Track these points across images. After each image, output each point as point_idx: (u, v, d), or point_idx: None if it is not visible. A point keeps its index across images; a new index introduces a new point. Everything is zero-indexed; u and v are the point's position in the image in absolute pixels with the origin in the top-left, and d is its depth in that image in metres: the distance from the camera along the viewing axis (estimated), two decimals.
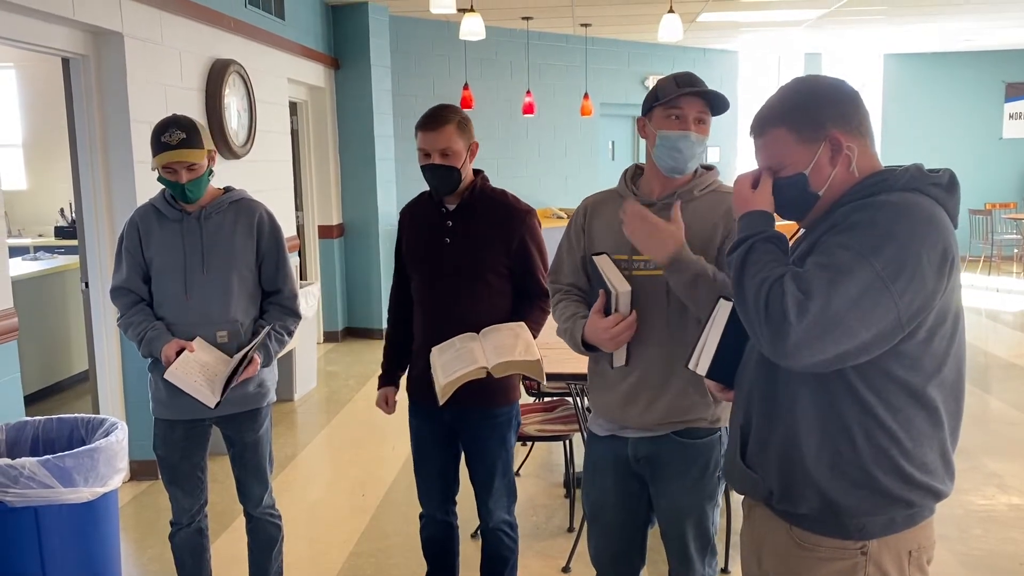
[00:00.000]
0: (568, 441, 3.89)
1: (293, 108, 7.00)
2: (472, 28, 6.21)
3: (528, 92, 8.85)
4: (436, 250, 2.59)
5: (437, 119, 2.49)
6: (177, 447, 2.75)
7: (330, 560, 3.56)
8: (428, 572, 2.87)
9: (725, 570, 3.36)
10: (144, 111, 4.28)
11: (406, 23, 8.20)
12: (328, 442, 5.18)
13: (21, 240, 7.23)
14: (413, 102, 8.19)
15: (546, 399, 4.10)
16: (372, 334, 7.74)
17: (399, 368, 2.82)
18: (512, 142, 9.38)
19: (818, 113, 1.56)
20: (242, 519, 2.95)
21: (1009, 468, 4.44)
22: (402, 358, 2.81)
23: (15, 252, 5.78)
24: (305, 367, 6.11)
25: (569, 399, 3.92)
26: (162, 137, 2.58)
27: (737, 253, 1.56)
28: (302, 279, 6.91)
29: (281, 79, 6.32)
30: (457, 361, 2.42)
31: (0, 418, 3.21)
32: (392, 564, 3.52)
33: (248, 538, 2.93)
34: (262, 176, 5.78)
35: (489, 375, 2.40)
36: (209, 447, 2.83)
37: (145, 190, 4.08)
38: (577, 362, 2.81)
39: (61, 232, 7.42)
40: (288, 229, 6.38)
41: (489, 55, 8.97)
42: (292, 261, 2.89)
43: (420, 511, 2.81)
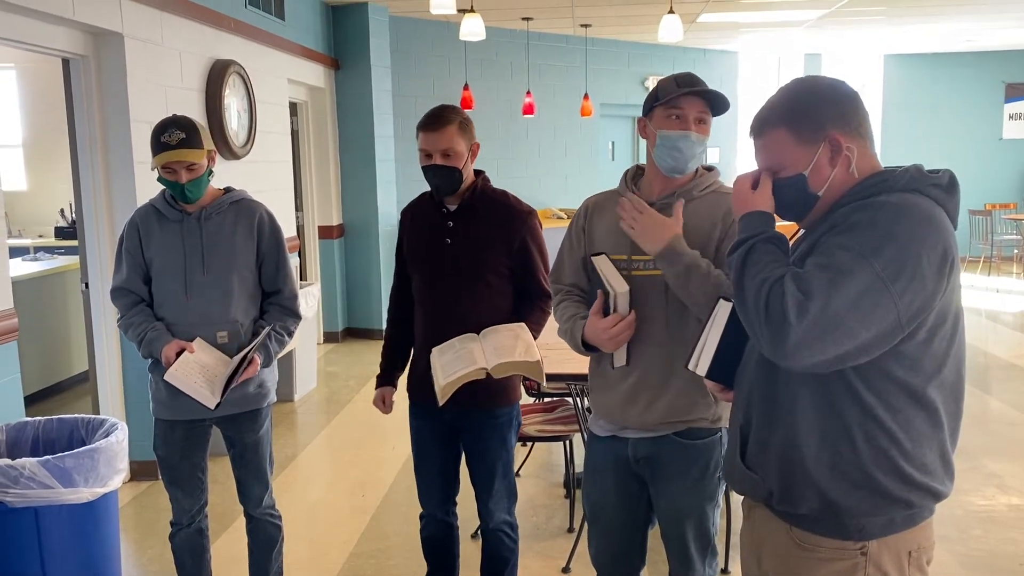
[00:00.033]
0: (568, 441, 3.89)
1: (293, 108, 7.01)
2: (472, 28, 6.21)
3: (528, 93, 8.85)
4: (437, 250, 2.59)
5: (439, 120, 2.49)
6: (177, 447, 2.75)
7: (330, 560, 3.56)
8: (428, 572, 2.87)
9: (725, 570, 3.36)
10: (144, 111, 4.29)
11: (406, 23, 8.20)
12: (328, 442, 5.19)
13: (21, 240, 7.23)
14: (413, 102, 8.19)
15: (546, 399, 4.10)
16: (372, 334, 7.74)
17: (397, 368, 2.82)
18: (512, 143, 9.38)
19: (818, 114, 1.56)
20: (242, 519, 2.95)
21: (1009, 469, 4.45)
22: (401, 358, 2.82)
23: (15, 253, 5.77)
24: (305, 367, 6.11)
25: (569, 400, 3.92)
26: (162, 137, 2.58)
27: (737, 254, 1.57)
28: (302, 279, 6.91)
29: (281, 79, 6.32)
30: (457, 362, 2.42)
31: (0, 418, 3.21)
32: (392, 564, 3.53)
33: (248, 538, 2.93)
34: (262, 176, 5.78)
35: (489, 376, 2.40)
36: (209, 447, 2.83)
37: (145, 190, 4.08)
38: (577, 363, 2.82)
39: (61, 232, 7.42)
40: (288, 229, 6.38)
41: (489, 55, 8.97)
42: (292, 261, 2.89)
43: (420, 511, 2.81)
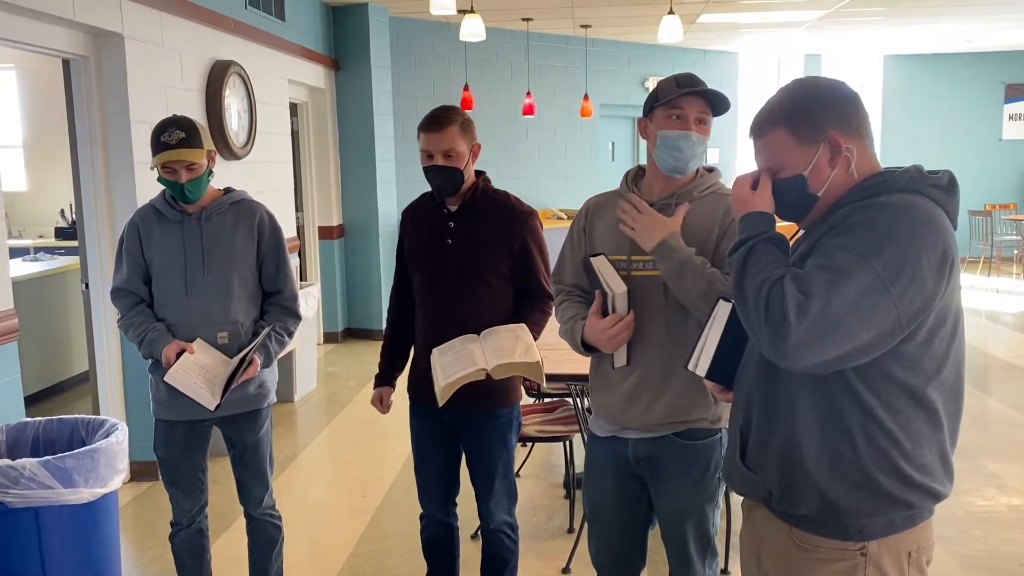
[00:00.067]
0: (568, 442, 3.89)
1: (293, 109, 7.01)
2: (472, 29, 6.21)
3: (528, 93, 8.85)
4: (438, 251, 2.59)
5: (440, 120, 2.49)
6: (177, 448, 2.75)
7: (330, 561, 3.56)
8: (428, 573, 2.87)
9: (725, 571, 3.36)
10: (144, 112, 4.29)
11: (406, 24, 8.20)
12: (328, 443, 5.19)
13: (21, 241, 7.23)
14: (413, 103, 8.20)
15: (546, 400, 4.10)
16: (372, 335, 7.74)
17: (396, 368, 2.83)
18: (512, 143, 9.38)
19: (817, 114, 1.56)
20: (242, 520, 2.95)
21: (1009, 469, 4.45)
22: (400, 359, 2.82)
23: (15, 253, 5.77)
24: (305, 368, 6.11)
25: (569, 400, 3.92)
26: (161, 137, 2.59)
27: (738, 254, 1.57)
28: (302, 280, 6.91)
29: (281, 80, 6.32)
30: (457, 363, 2.42)
31: (0, 419, 3.21)
32: (392, 565, 3.53)
33: (248, 539, 2.93)
34: (262, 177, 5.78)
35: (489, 377, 2.40)
36: (210, 448, 2.84)
37: (145, 191, 4.08)
38: (577, 363, 2.82)
39: (61, 233, 7.42)
40: (288, 230, 6.38)
41: (489, 56, 8.97)
42: (292, 262, 2.89)
43: (420, 512, 2.81)
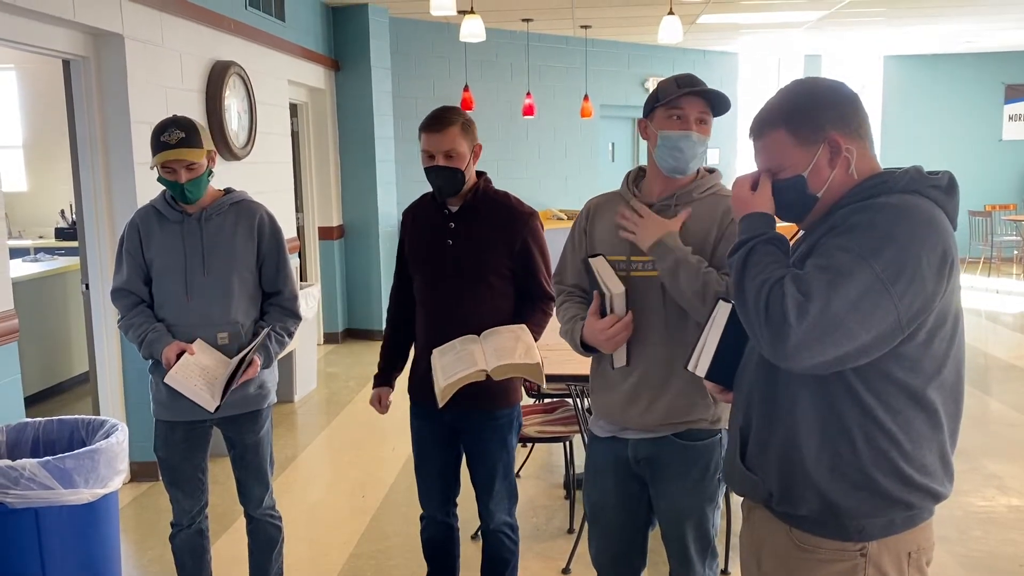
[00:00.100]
0: (568, 442, 3.89)
1: (293, 110, 7.01)
2: (472, 30, 6.21)
3: (528, 94, 8.85)
4: (438, 251, 2.59)
5: (441, 121, 2.49)
6: (178, 448, 2.75)
7: (330, 561, 3.56)
8: (428, 573, 2.87)
9: (725, 571, 3.36)
10: (144, 113, 4.29)
11: (406, 25, 8.20)
12: (328, 443, 5.19)
13: (22, 242, 7.23)
14: (413, 104, 8.20)
15: (546, 400, 4.10)
16: (372, 335, 7.74)
17: (395, 369, 2.83)
18: (512, 144, 9.38)
19: (817, 115, 1.56)
20: (242, 520, 2.95)
21: (1009, 470, 4.45)
22: (399, 359, 2.83)
23: (15, 254, 5.77)
24: (305, 368, 6.11)
25: (569, 400, 3.92)
26: (161, 136, 2.59)
27: (738, 255, 1.57)
28: (302, 280, 6.91)
29: (281, 81, 6.32)
30: (457, 363, 2.42)
31: (1, 419, 3.21)
32: (392, 565, 3.53)
33: (248, 539, 2.93)
34: (262, 178, 5.78)
35: (489, 378, 2.40)
36: (210, 448, 2.84)
37: (145, 191, 4.08)
38: (577, 363, 2.82)
39: (61, 234, 7.42)
40: (288, 230, 6.39)
41: (489, 57, 8.98)
42: (292, 262, 2.89)
43: (421, 512, 2.81)
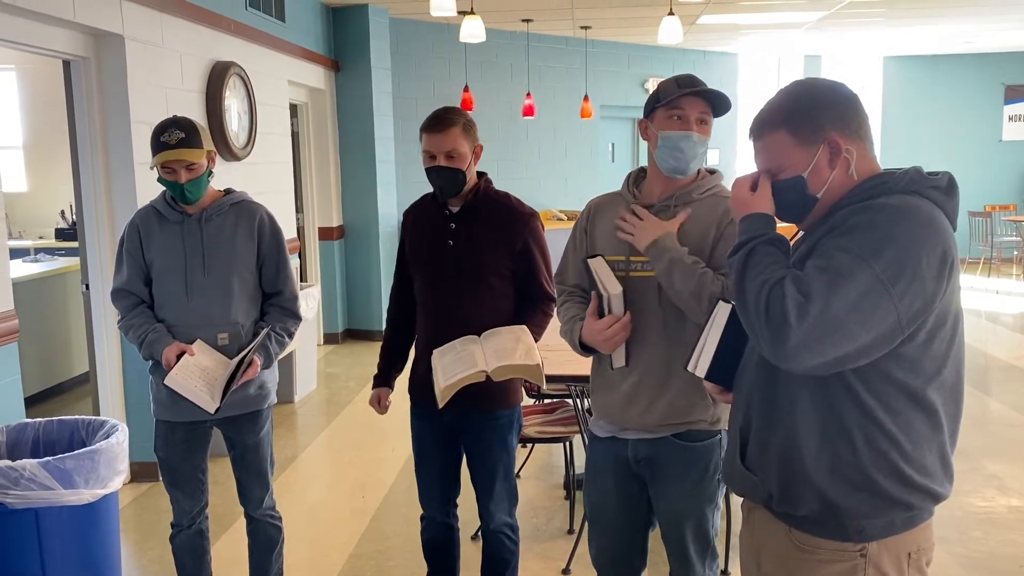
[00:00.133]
0: (568, 443, 3.89)
1: (293, 110, 7.01)
2: (472, 30, 6.21)
3: (528, 94, 8.86)
4: (439, 252, 2.59)
5: (443, 121, 2.50)
6: (178, 449, 2.75)
7: (330, 561, 3.57)
8: (428, 574, 2.87)
9: (725, 572, 3.36)
10: (145, 113, 4.29)
11: (406, 25, 8.21)
12: (328, 444, 5.19)
13: (22, 242, 7.23)
14: (413, 104, 8.20)
15: (546, 401, 4.10)
16: (372, 336, 7.74)
17: (395, 369, 2.83)
18: (512, 144, 9.39)
19: (817, 116, 1.57)
20: (243, 521, 2.95)
21: (1009, 470, 4.45)
22: (399, 360, 2.83)
23: (16, 254, 5.77)
24: (305, 369, 6.11)
25: (569, 401, 3.92)
26: (161, 137, 2.59)
27: (738, 256, 1.57)
28: (302, 281, 6.91)
29: (281, 81, 6.33)
30: (457, 364, 2.42)
31: (1, 420, 3.21)
32: (392, 566, 3.53)
33: (248, 540, 2.93)
34: (262, 178, 5.78)
35: (489, 378, 2.40)
36: (210, 449, 2.84)
37: (146, 192, 4.08)
38: (577, 364, 2.82)
39: (62, 234, 7.42)
40: (288, 231, 6.39)
41: (489, 57, 8.98)
42: (292, 263, 2.90)
43: (421, 513, 2.81)
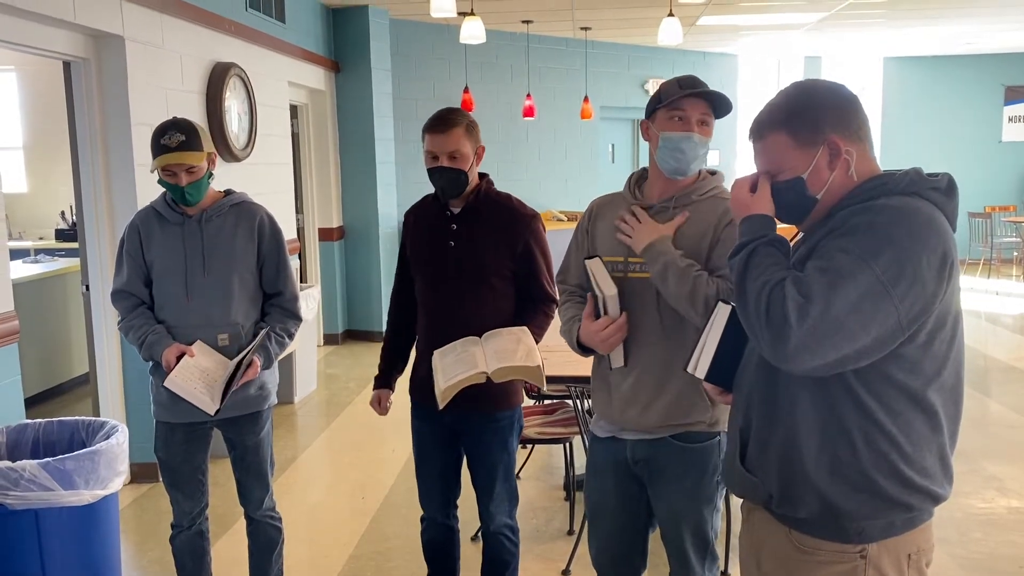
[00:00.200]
0: (568, 444, 3.89)
1: (293, 111, 7.01)
2: (472, 32, 6.21)
3: (528, 95, 8.86)
4: (440, 253, 2.59)
5: (446, 122, 2.50)
6: (178, 450, 2.75)
7: (330, 562, 3.56)
8: (428, 575, 2.87)
9: (725, 573, 3.36)
10: (145, 114, 4.29)
11: (406, 26, 8.21)
12: (328, 445, 5.19)
13: (22, 243, 7.24)
14: (413, 105, 8.21)
15: (546, 402, 4.10)
16: (372, 336, 7.74)
17: (396, 370, 2.83)
18: (512, 145, 9.39)
19: (817, 117, 1.57)
20: (243, 521, 2.95)
21: (1009, 471, 4.45)
22: (400, 361, 2.83)
23: (16, 255, 5.77)
24: (305, 370, 6.11)
25: (569, 402, 3.92)
26: (161, 140, 2.59)
27: (739, 257, 1.57)
28: (302, 282, 6.91)
29: (281, 82, 6.33)
30: (457, 365, 2.42)
31: (1, 420, 3.21)
32: (392, 567, 3.53)
33: (248, 540, 2.93)
34: (262, 179, 5.78)
35: (489, 380, 2.40)
36: (210, 450, 2.84)
37: (146, 193, 4.08)
38: (577, 365, 2.82)
39: (62, 235, 7.42)
40: (288, 232, 6.39)
41: (489, 58, 8.98)
42: (292, 264, 2.90)
43: (421, 514, 2.81)
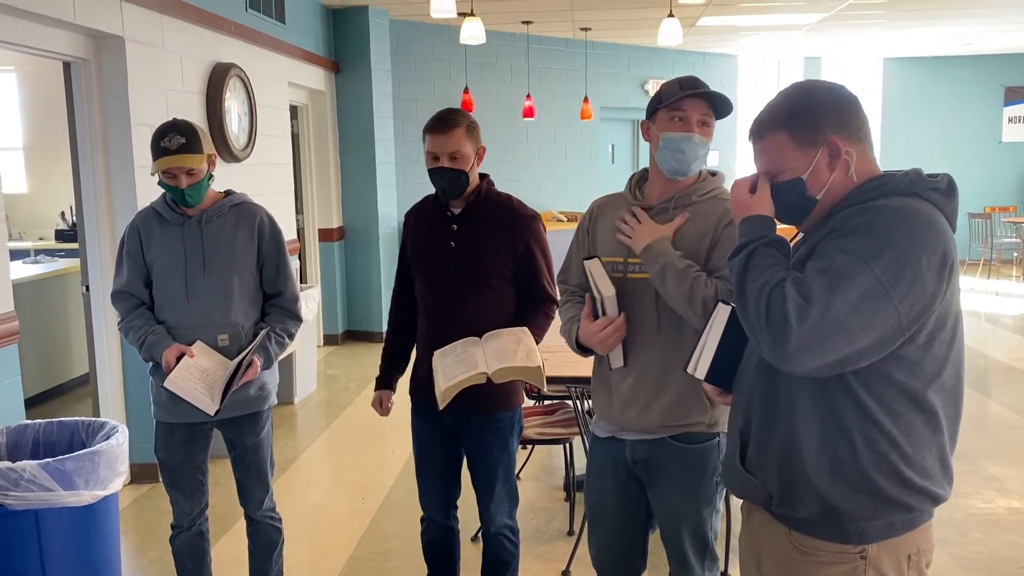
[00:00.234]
0: (568, 444, 3.89)
1: (293, 112, 7.01)
2: (472, 32, 6.21)
3: (528, 96, 8.86)
4: (441, 253, 2.59)
5: (447, 122, 2.50)
6: (178, 450, 2.75)
7: (330, 563, 3.56)
8: (428, 575, 2.87)
9: (725, 574, 3.36)
10: (145, 115, 4.29)
11: (406, 27, 8.21)
12: (328, 445, 5.19)
13: (22, 243, 7.24)
14: (414, 106, 8.21)
15: (547, 402, 4.10)
16: (372, 337, 7.74)
17: (396, 371, 2.83)
18: (512, 146, 9.39)
19: (817, 118, 1.57)
20: (243, 522, 2.95)
21: (1009, 472, 4.45)
22: (400, 361, 2.83)
23: (16, 255, 5.78)
24: (305, 370, 6.11)
25: (569, 402, 3.92)
26: (162, 142, 2.58)
27: (739, 258, 1.57)
28: (302, 282, 6.91)
29: (281, 83, 6.33)
30: (458, 366, 2.42)
31: (1, 421, 3.21)
32: (392, 567, 3.52)
33: (248, 541, 2.93)
34: (262, 179, 5.78)
35: (489, 380, 2.40)
36: (210, 450, 2.84)
37: (146, 193, 4.09)
38: (578, 365, 2.82)
39: (62, 235, 7.43)
40: (288, 232, 6.39)
41: (489, 59, 8.98)
42: (292, 264, 2.90)
43: (421, 514, 2.81)
